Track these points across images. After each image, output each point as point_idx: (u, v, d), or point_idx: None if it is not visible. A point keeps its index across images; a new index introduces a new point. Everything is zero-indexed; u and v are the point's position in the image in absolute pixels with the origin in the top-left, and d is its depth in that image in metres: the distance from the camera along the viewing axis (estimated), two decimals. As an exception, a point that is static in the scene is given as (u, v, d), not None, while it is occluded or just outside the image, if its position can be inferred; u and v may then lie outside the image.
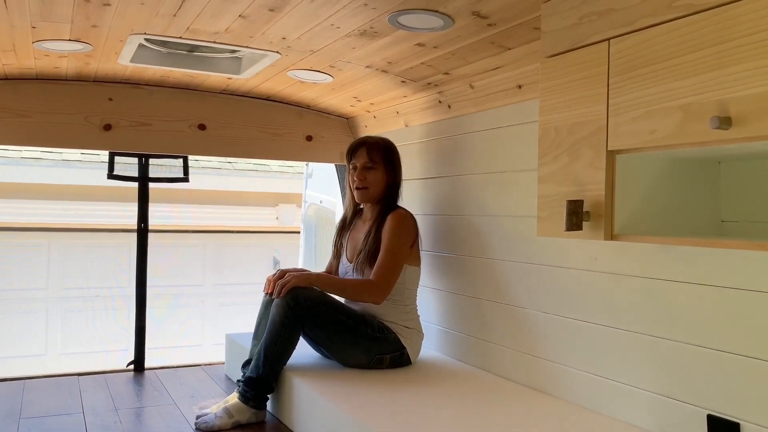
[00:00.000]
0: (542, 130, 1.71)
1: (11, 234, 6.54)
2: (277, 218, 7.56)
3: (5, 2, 1.86)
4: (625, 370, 1.92)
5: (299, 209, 7.14)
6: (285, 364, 2.47)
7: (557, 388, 2.19)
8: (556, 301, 2.19)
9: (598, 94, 1.55)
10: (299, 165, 7.37)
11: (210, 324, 7.28)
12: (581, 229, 1.56)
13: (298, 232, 6.82)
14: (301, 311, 2.43)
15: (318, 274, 2.66)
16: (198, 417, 2.42)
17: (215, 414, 2.39)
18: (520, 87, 2.29)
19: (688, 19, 1.35)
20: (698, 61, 1.33)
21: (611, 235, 1.53)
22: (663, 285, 1.80)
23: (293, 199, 7.43)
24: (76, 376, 3.09)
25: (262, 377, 2.42)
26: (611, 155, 1.54)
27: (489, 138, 2.53)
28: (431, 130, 2.91)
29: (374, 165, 2.69)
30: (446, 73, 2.44)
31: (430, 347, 2.88)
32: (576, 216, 1.53)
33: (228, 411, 2.38)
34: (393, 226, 2.61)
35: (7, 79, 2.80)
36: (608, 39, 1.54)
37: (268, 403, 2.48)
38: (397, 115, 3.07)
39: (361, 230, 2.75)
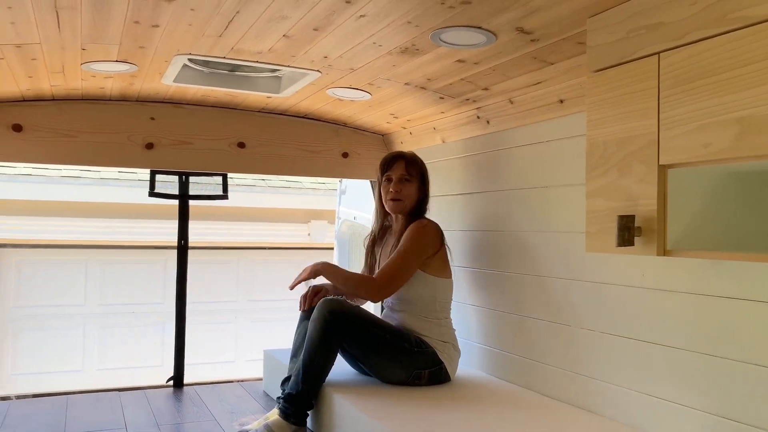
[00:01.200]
0: (590, 144, 1.70)
1: (51, 251, 6.67)
2: (308, 234, 7.60)
3: (59, 25, 1.91)
4: (677, 389, 1.88)
5: (331, 225, 7.17)
6: (324, 380, 2.47)
7: (605, 407, 2.14)
8: (602, 318, 2.16)
9: (648, 108, 1.54)
10: (331, 181, 7.42)
11: (243, 340, 7.32)
12: (633, 244, 1.54)
13: (330, 249, 6.83)
14: (338, 327, 2.44)
15: (323, 263, 2.66)
16: (239, 433, 2.43)
17: (256, 430, 2.39)
18: (561, 102, 2.28)
19: (743, 32, 1.34)
20: (754, 73, 1.31)
21: (664, 251, 1.51)
22: (714, 301, 1.76)
23: (325, 215, 7.47)
24: (117, 392, 3.13)
25: (302, 394, 2.42)
26: (663, 170, 1.52)
27: (530, 153, 2.52)
28: (469, 145, 2.90)
29: (411, 178, 2.71)
30: (485, 89, 2.44)
31: (471, 365, 2.85)
32: (628, 231, 1.51)
33: (269, 427, 2.38)
34: (410, 232, 2.63)
35: (53, 100, 2.88)
36: (658, 53, 1.52)
37: (308, 420, 2.47)
38: (434, 131, 3.08)
39: (391, 244, 2.76)
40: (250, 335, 7.30)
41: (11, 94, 2.71)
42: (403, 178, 2.70)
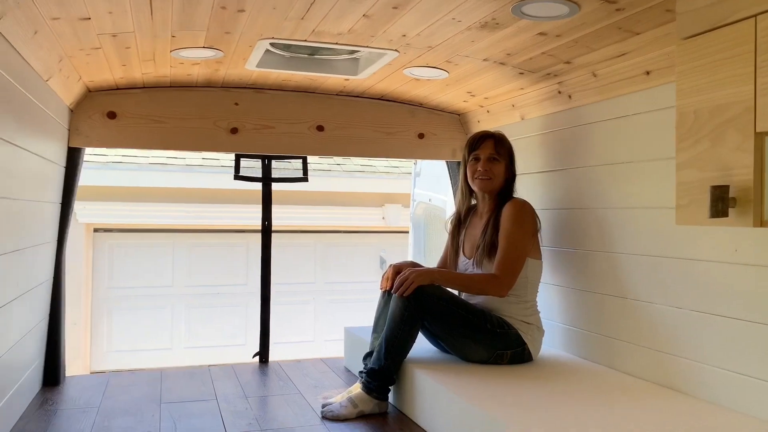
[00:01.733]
0: (680, 114, 1.64)
1: (141, 235, 7.03)
2: (383, 218, 7.66)
3: (152, 14, 2.01)
4: (773, 367, 1.81)
5: (405, 209, 7.20)
6: (406, 356, 2.51)
7: (695, 387, 2.09)
8: (692, 296, 2.09)
9: (744, 74, 1.47)
10: (405, 165, 7.44)
11: (321, 321, 7.49)
12: (727, 215, 1.48)
13: (404, 232, 6.87)
14: (420, 305, 2.46)
15: (439, 270, 2.67)
16: (324, 406, 2.50)
17: (340, 404, 2.46)
18: (648, 73, 2.21)
19: None
20: None
21: (761, 222, 1.45)
22: (816, 277, 1.68)
23: (399, 199, 7.50)
24: (207, 367, 3.28)
25: (384, 369, 2.47)
26: (760, 137, 1.45)
27: (613, 128, 2.45)
28: (549, 122, 2.85)
29: (499, 158, 2.68)
30: (567, 62, 2.40)
31: (552, 345, 2.83)
32: (721, 202, 1.46)
33: (352, 401, 2.45)
34: (511, 214, 2.59)
35: (144, 87, 3.02)
36: (755, 15, 1.45)
37: (390, 395, 2.52)
38: (512, 109, 3.04)
39: (478, 225, 2.75)
40: (328, 316, 7.47)
41: (106, 82, 2.87)
42: (492, 157, 2.68)
